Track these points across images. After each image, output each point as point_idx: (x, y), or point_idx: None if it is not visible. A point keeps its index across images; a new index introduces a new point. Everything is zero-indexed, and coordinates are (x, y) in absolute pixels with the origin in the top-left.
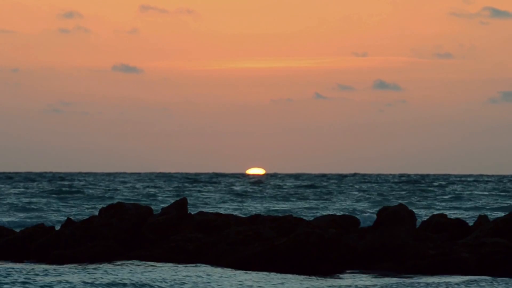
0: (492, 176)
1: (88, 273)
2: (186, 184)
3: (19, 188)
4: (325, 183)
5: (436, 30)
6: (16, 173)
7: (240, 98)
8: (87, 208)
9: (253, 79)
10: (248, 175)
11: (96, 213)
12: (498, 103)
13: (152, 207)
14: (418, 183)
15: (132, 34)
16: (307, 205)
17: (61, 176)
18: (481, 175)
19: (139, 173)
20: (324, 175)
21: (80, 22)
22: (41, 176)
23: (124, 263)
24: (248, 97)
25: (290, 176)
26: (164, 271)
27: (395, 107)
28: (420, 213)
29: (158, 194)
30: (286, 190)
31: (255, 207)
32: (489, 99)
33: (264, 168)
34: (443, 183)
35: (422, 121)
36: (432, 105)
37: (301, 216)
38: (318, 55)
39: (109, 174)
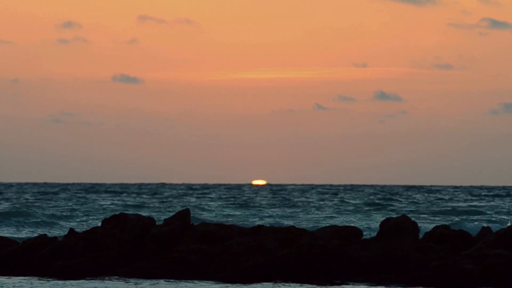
0: (494, 187)
1: None
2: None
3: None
4: None
5: (435, 41)
6: (18, 183)
7: (241, 108)
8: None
9: (254, 90)
10: (254, 185)
11: None
12: (499, 114)
13: None
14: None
15: (131, 44)
16: None
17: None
18: (482, 186)
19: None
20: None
21: (79, 32)
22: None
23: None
24: (249, 108)
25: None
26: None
27: (396, 118)
28: None
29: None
30: None
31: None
32: (489, 110)
33: (265, 179)
34: None
35: (423, 132)
36: (433, 116)
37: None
38: (318, 65)
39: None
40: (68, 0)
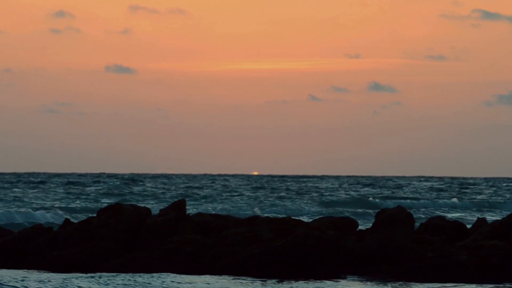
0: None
1: None
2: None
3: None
4: None
5: (427, 32)
6: (12, 173)
7: (234, 99)
8: None
9: (248, 81)
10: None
11: None
12: (492, 105)
13: None
14: None
15: (124, 34)
16: None
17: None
18: (475, 178)
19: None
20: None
21: (71, 22)
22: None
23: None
24: (243, 99)
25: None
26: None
27: (390, 108)
28: None
29: None
30: None
31: None
32: (483, 101)
33: (257, 170)
34: None
35: (417, 122)
36: (426, 107)
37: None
38: (312, 56)
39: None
40: None
